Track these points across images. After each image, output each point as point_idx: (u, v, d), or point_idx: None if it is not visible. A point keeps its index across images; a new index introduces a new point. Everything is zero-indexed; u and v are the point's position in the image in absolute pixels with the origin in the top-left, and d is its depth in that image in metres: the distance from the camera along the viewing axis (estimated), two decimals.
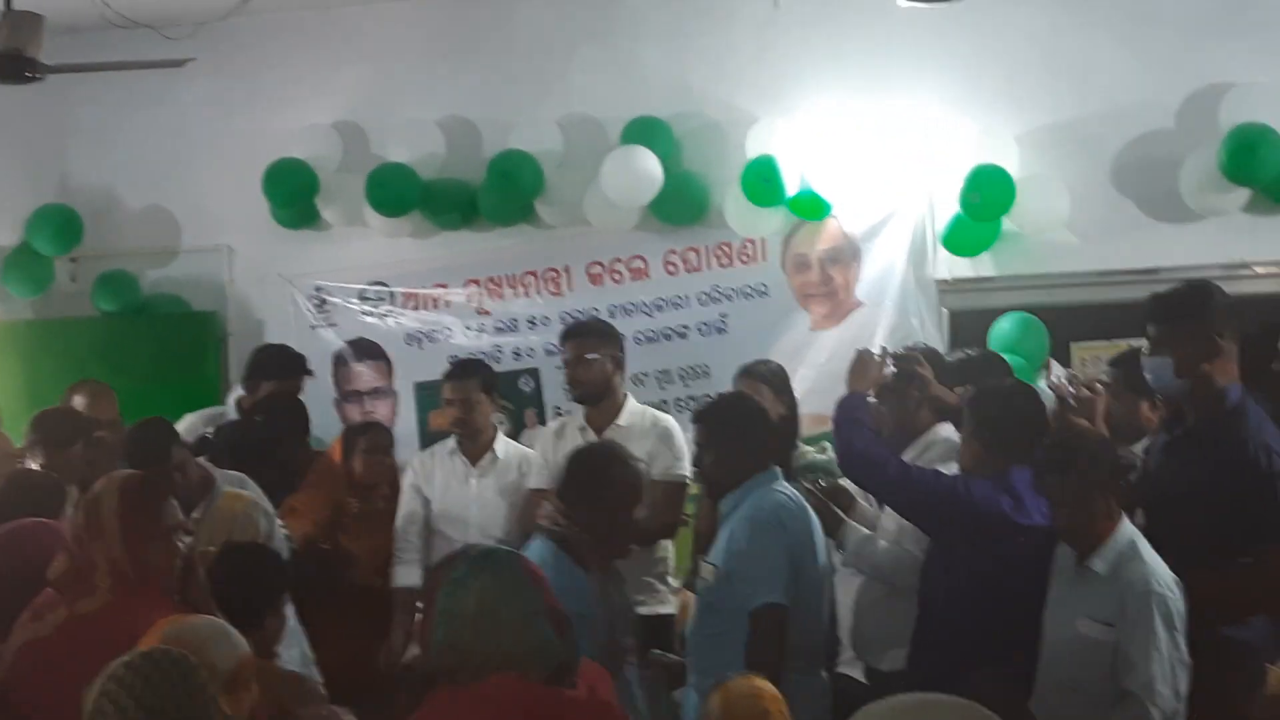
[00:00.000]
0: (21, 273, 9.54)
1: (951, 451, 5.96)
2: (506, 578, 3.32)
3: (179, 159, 9.60)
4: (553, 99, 8.93)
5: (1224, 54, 7.78)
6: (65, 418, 6.84)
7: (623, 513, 5.30)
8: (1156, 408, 5.85)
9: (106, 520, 4.32)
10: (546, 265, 8.91)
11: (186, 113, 9.47)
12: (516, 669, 3.21)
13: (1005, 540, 5.27)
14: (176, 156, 9.60)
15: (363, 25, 9.30)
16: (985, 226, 8.08)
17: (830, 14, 8.14)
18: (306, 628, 5.74)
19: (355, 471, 7.01)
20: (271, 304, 9.42)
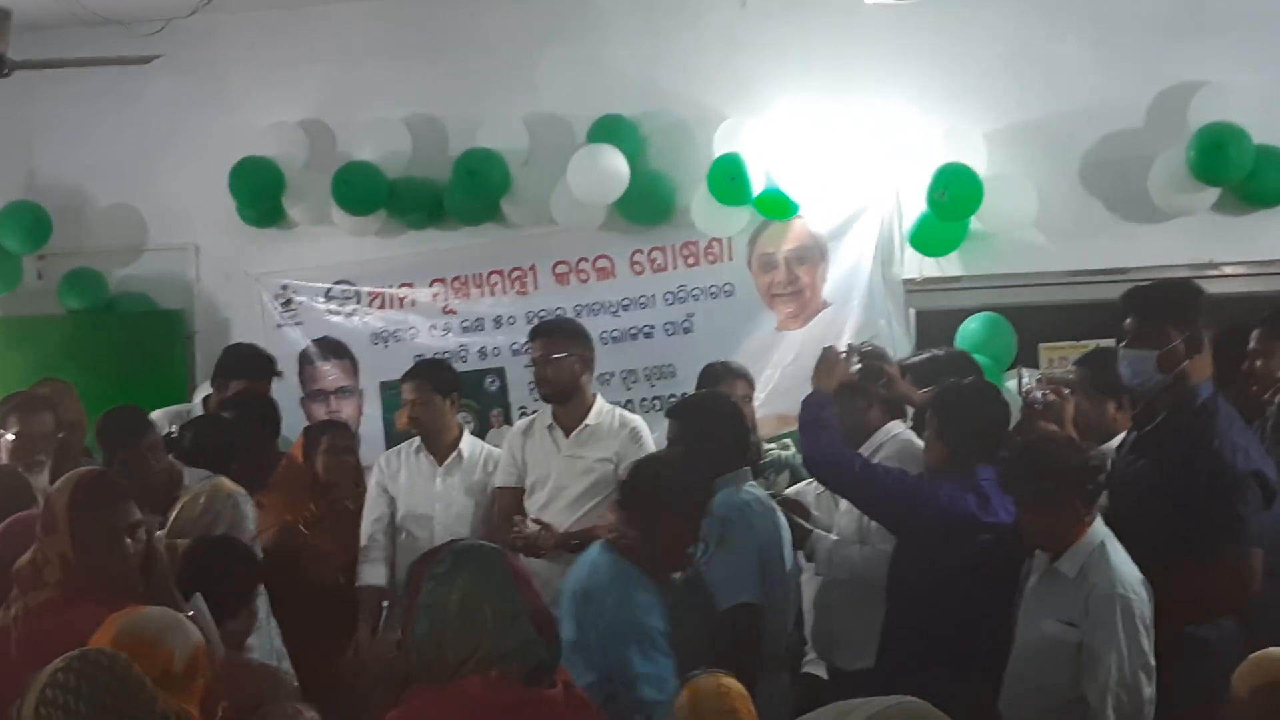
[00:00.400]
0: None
1: (904, 449, 6.04)
2: (490, 574, 3.33)
3: (146, 157, 9.59)
4: (519, 97, 8.93)
5: (1193, 53, 7.81)
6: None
7: (687, 523, 5.21)
8: (1122, 407, 5.88)
9: (59, 516, 4.35)
10: (513, 265, 8.90)
11: (153, 110, 9.46)
12: (497, 666, 3.22)
13: (971, 538, 5.33)
14: (143, 154, 9.60)
15: (329, 23, 9.30)
16: (953, 226, 8.07)
17: (797, 13, 8.16)
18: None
19: (318, 470, 6.99)
20: (238, 302, 9.44)
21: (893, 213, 8.22)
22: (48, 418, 6.40)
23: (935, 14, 6.69)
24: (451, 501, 6.99)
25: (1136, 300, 5.42)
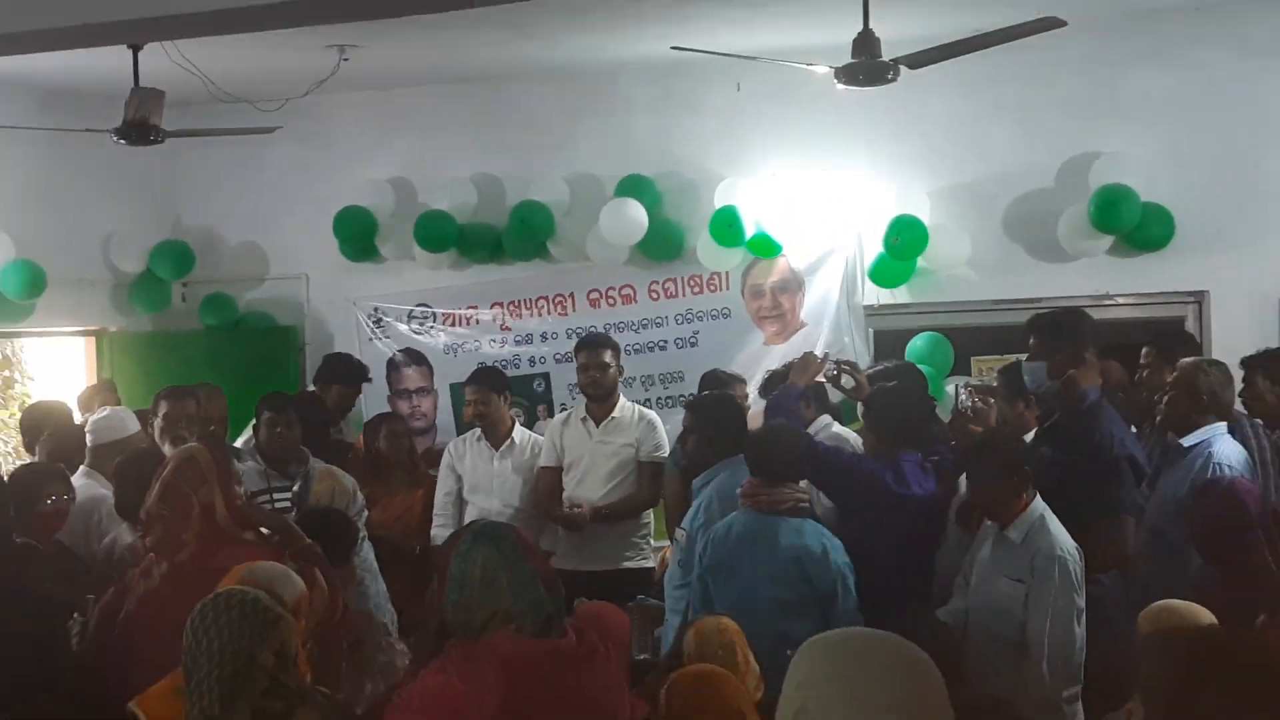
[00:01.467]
0: (144, 294, 9.53)
1: (833, 438, 6.09)
2: (505, 548, 3.28)
3: (268, 205, 9.61)
4: (561, 161, 8.87)
5: (1093, 130, 7.73)
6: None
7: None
8: (1030, 407, 5.82)
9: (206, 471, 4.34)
10: (555, 292, 8.83)
11: (274, 169, 9.44)
12: (513, 623, 3.19)
13: (886, 505, 5.34)
14: (266, 203, 9.62)
15: (412, 103, 9.27)
16: (903, 264, 8.04)
17: (781, 94, 8.05)
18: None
19: (381, 452, 6.97)
20: (340, 321, 9.36)
21: (855, 253, 8.17)
22: (190, 404, 6.38)
23: (890, 97, 6.63)
24: (506, 479, 7.01)
25: (1036, 324, 5.49)
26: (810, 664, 2.26)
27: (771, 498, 5.12)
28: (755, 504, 5.14)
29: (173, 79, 7.52)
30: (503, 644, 3.15)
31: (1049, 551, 4.65)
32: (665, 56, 7.25)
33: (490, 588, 3.22)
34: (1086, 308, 6.89)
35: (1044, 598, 4.62)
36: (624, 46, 7.99)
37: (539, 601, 3.23)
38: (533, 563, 3.30)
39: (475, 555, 3.27)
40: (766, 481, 5.17)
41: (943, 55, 5.90)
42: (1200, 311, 7.65)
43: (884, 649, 2.24)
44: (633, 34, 7.62)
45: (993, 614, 4.79)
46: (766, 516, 5.10)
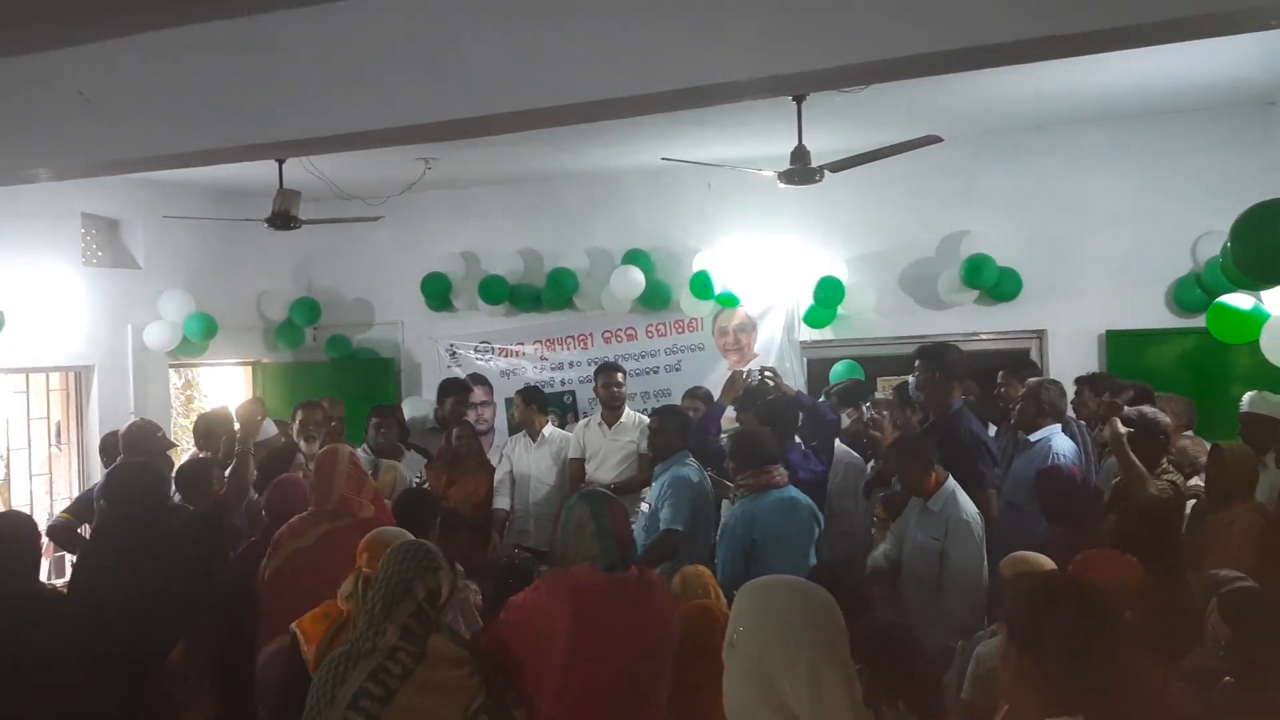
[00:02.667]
0: (286, 336, 9.54)
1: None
2: (595, 508, 3.26)
3: (375, 271, 9.58)
4: (582, 239, 8.86)
5: (962, 214, 7.72)
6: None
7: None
8: (915, 412, 5.87)
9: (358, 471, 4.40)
10: (579, 332, 8.80)
11: (379, 245, 9.42)
12: (590, 562, 3.19)
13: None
14: (374, 270, 9.59)
15: (478, 198, 9.27)
16: (828, 311, 8.02)
17: (740, 191, 8.03)
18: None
19: (454, 449, 6.80)
20: (425, 354, 9.35)
21: (794, 304, 8.16)
22: (317, 411, 6.37)
23: (817, 192, 6.52)
24: (541, 464, 6.94)
25: (919, 353, 5.50)
26: (742, 602, 2.26)
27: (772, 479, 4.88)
28: (758, 487, 4.82)
29: (307, 182, 7.61)
30: (580, 574, 3.15)
31: (958, 517, 4.59)
32: (657, 164, 7.29)
33: (580, 533, 3.23)
34: (959, 342, 6.84)
35: (954, 552, 4.56)
36: (627, 157, 7.99)
37: (610, 549, 3.20)
38: (613, 521, 3.25)
39: (576, 509, 3.28)
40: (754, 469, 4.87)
41: (855, 162, 5.90)
42: (1041, 344, 7.63)
43: (796, 594, 2.24)
44: (634, 148, 7.63)
45: (918, 564, 4.69)
46: (782, 493, 4.83)
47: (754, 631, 2.16)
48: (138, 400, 8.12)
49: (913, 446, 4.87)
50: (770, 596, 2.24)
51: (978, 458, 5.16)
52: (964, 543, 4.55)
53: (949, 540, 4.58)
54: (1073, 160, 7.46)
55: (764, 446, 4.92)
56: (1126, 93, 6.60)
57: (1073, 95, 6.60)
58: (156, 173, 7.53)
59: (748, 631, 2.17)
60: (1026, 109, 6.99)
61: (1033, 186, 7.57)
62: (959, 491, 4.73)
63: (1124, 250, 7.31)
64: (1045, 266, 7.53)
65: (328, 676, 2.88)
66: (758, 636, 2.15)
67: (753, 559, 4.63)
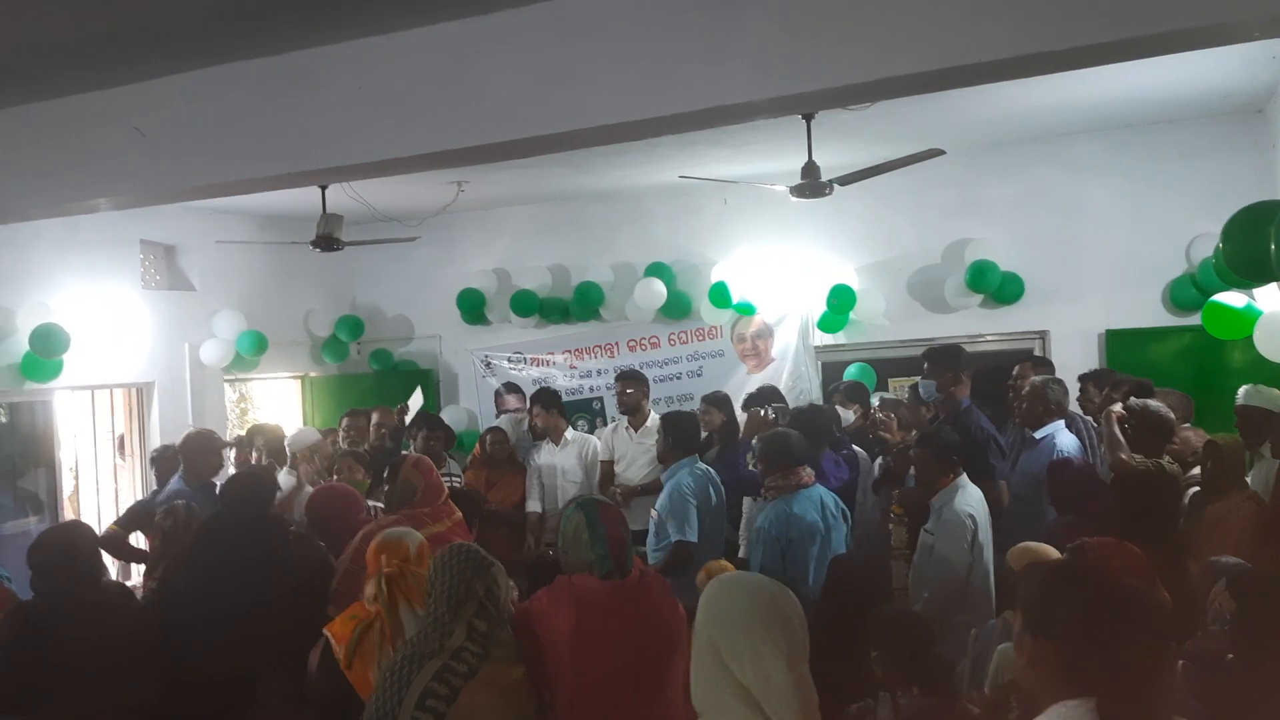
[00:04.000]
0: (331, 351, 9.56)
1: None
2: (590, 515, 3.18)
3: (414, 288, 9.62)
4: (607, 253, 8.88)
5: (966, 223, 7.69)
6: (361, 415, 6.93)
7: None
8: (928, 409, 5.85)
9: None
10: (606, 341, 8.78)
11: (417, 264, 9.47)
12: (589, 570, 3.12)
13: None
14: (413, 287, 9.63)
15: (508, 218, 9.30)
16: (840, 317, 8.02)
17: (755, 206, 8.06)
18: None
19: (488, 452, 6.84)
20: (462, 365, 9.37)
21: (808, 311, 8.14)
22: (362, 420, 6.40)
23: (828, 204, 6.52)
24: (565, 465, 6.89)
25: (929, 355, 5.47)
26: (703, 596, 2.32)
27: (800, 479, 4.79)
28: (787, 488, 4.72)
29: (348, 206, 7.67)
30: (579, 582, 3.09)
31: (948, 515, 4.53)
32: (676, 182, 7.29)
33: (577, 541, 3.15)
34: (964, 344, 6.84)
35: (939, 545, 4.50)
36: (647, 176, 7.99)
37: (604, 557, 3.11)
38: (608, 528, 3.16)
39: (573, 517, 3.21)
40: (783, 470, 4.75)
41: (863, 176, 5.88)
42: (1044, 344, 7.57)
43: (746, 590, 2.29)
44: (653, 167, 7.63)
45: (920, 557, 4.65)
46: (810, 492, 4.73)
47: (704, 619, 2.25)
48: (195, 413, 8.16)
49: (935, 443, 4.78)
50: (721, 590, 2.30)
51: (988, 452, 5.13)
52: (950, 537, 4.48)
53: (937, 534, 4.53)
54: (1069, 169, 7.40)
55: (791, 448, 4.82)
56: (1119, 103, 6.56)
57: (1068, 108, 6.56)
58: (209, 201, 7.60)
59: (701, 619, 2.26)
60: (1024, 122, 6.95)
61: (1032, 195, 7.52)
62: (965, 490, 4.64)
63: (1121, 253, 7.25)
64: (1046, 270, 7.47)
65: (393, 680, 2.82)
66: (708, 626, 2.23)
67: (789, 558, 4.56)
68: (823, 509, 4.71)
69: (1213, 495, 4.37)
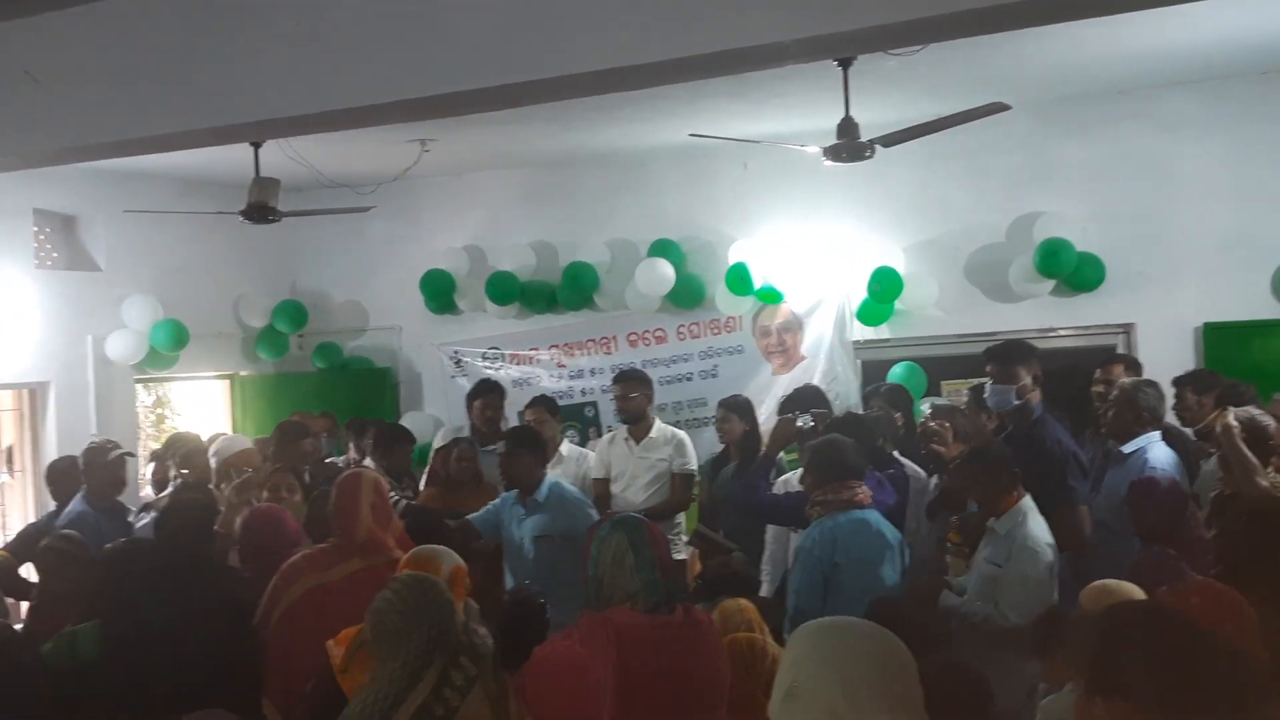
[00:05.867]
0: (268, 344, 9.59)
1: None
2: (635, 537, 3.20)
3: (368, 270, 9.67)
4: (604, 228, 8.88)
5: (1036, 193, 7.68)
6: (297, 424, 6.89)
7: None
8: (990, 418, 5.82)
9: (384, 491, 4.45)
10: (601, 335, 8.82)
11: (372, 241, 9.50)
12: (630, 602, 3.14)
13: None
14: (366, 268, 9.67)
15: (483, 184, 9.32)
16: (883, 306, 8.00)
17: (781, 171, 8.04)
18: None
19: (452, 472, 6.69)
20: (427, 362, 9.40)
21: (844, 298, 8.13)
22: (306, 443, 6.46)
23: (869, 170, 6.59)
24: None
25: (993, 354, 5.44)
26: (803, 646, 2.22)
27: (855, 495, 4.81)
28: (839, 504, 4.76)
29: (287, 169, 7.62)
30: (619, 617, 3.10)
31: (1024, 542, 4.51)
32: (686, 142, 7.26)
33: (618, 567, 3.18)
34: (1033, 339, 6.81)
35: (1014, 579, 4.48)
36: (651, 135, 7.98)
37: (654, 584, 3.15)
38: (656, 551, 3.21)
39: (611, 539, 3.22)
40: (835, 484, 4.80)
41: (911, 135, 5.89)
42: (1129, 340, 7.56)
43: (868, 637, 2.21)
44: (659, 124, 7.61)
45: (976, 592, 4.63)
46: (865, 513, 4.77)
47: (820, 679, 2.13)
48: (100, 420, 8.14)
49: (992, 457, 4.78)
50: (839, 640, 2.20)
51: (1067, 471, 5.09)
52: (1029, 567, 4.47)
53: (1010, 566, 4.50)
54: (1160, 129, 7.41)
55: (847, 458, 4.86)
56: (1219, 50, 6.53)
57: (1157, 55, 6.54)
58: (117, 162, 7.49)
59: (812, 679, 2.13)
60: (1105, 72, 6.93)
61: (1114, 160, 7.53)
62: (1034, 514, 4.64)
63: (1221, 230, 7.25)
64: (1131, 251, 7.47)
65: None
66: (825, 685, 2.11)
67: (832, 588, 4.58)
68: (878, 534, 4.75)
69: None
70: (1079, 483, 5.12)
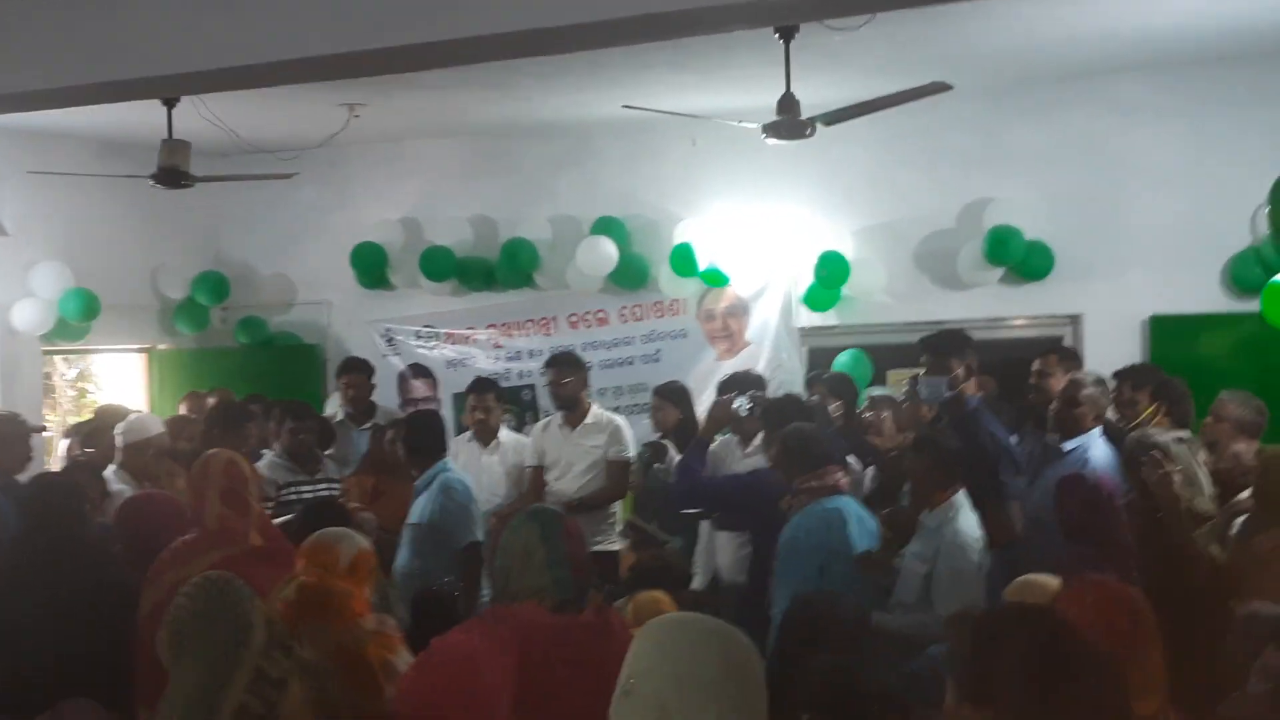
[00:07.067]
0: (187, 317, 9.47)
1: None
2: (547, 530, 3.14)
3: (296, 240, 9.56)
4: (545, 204, 8.83)
5: (987, 179, 7.69)
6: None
7: None
8: (931, 410, 5.75)
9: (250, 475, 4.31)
10: (541, 315, 8.80)
11: (301, 210, 9.40)
12: (537, 597, 3.08)
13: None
14: (294, 239, 9.57)
15: (418, 154, 9.25)
16: (831, 292, 8.01)
17: (728, 149, 7.97)
18: None
19: (389, 451, 6.56)
20: (357, 340, 9.28)
21: (791, 283, 8.14)
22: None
23: (818, 151, 6.58)
24: (492, 473, 6.82)
25: (927, 344, 5.46)
26: (643, 642, 2.20)
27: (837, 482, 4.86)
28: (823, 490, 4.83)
29: (205, 132, 7.52)
30: (524, 613, 3.05)
31: (953, 539, 4.55)
32: (632, 116, 7.19)
33: (528, 560, 3.10)
34: (982, 329, 6.88)
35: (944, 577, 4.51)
36: (596, 107, 7.91)
37: (563, 581, 3.09)
38: (569, 547, 3.15)
39: (523, 531, 3.16)
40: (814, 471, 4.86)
41: (852, 114, 5.88)
42: (1076, 331, 7.62)
43: (709, 634, 2.18)
44: (600, 95, 7.52)
45: (905, 587, 4.66)
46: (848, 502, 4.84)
47: (654, 674, 2.11)
48: (4, 392, 8.01)
49: (932, 449, 4.80)
50: (678, 635, 2.17)
51: (1000, 465, 5.11)
52: (957, 565, 4.49)
53: (939, 562, 4.52)
54: (1113, 115, 7.44)
55: (819, 443, 4.92)
56: (1174, 35, 6.55)
57: (1112, 38, 6.55)
58: (25, 120, 7.44)
59: (648, 675, 2.12)
60: (1058, 55, 6.95)
61: (1066, 145, 7.56)
62: (965, 509, 4.67)
63: (1173, 220, 7.28)
64: (1081, 239, 7.52)
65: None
66: (658, 680, 2.10)
67: (828, 578, 4.59)
68: (863, 523, 4.81)
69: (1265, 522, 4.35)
70: (1011, 477, 5.14)
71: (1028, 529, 5.13)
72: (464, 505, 5.63)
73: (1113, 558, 4.10)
